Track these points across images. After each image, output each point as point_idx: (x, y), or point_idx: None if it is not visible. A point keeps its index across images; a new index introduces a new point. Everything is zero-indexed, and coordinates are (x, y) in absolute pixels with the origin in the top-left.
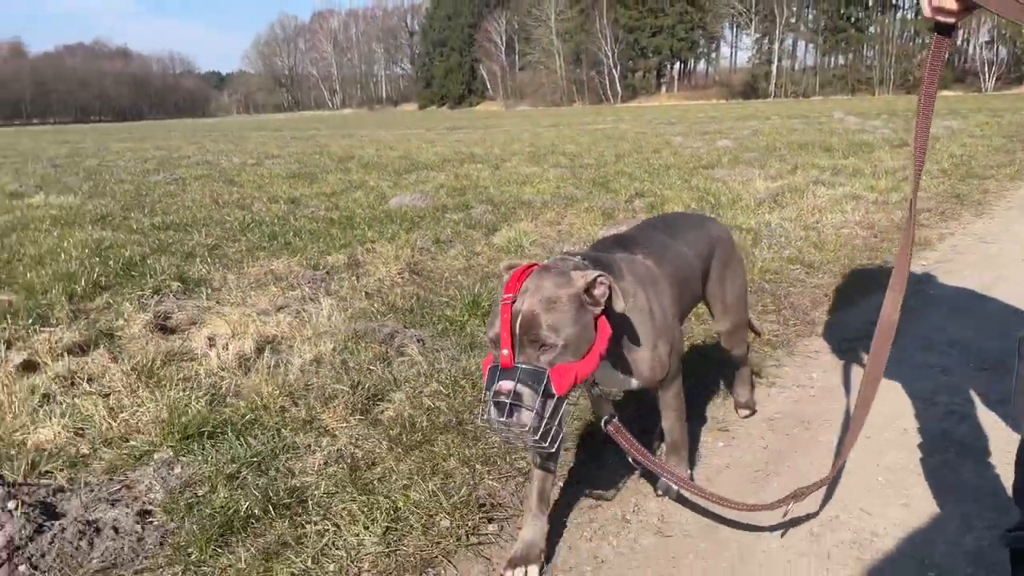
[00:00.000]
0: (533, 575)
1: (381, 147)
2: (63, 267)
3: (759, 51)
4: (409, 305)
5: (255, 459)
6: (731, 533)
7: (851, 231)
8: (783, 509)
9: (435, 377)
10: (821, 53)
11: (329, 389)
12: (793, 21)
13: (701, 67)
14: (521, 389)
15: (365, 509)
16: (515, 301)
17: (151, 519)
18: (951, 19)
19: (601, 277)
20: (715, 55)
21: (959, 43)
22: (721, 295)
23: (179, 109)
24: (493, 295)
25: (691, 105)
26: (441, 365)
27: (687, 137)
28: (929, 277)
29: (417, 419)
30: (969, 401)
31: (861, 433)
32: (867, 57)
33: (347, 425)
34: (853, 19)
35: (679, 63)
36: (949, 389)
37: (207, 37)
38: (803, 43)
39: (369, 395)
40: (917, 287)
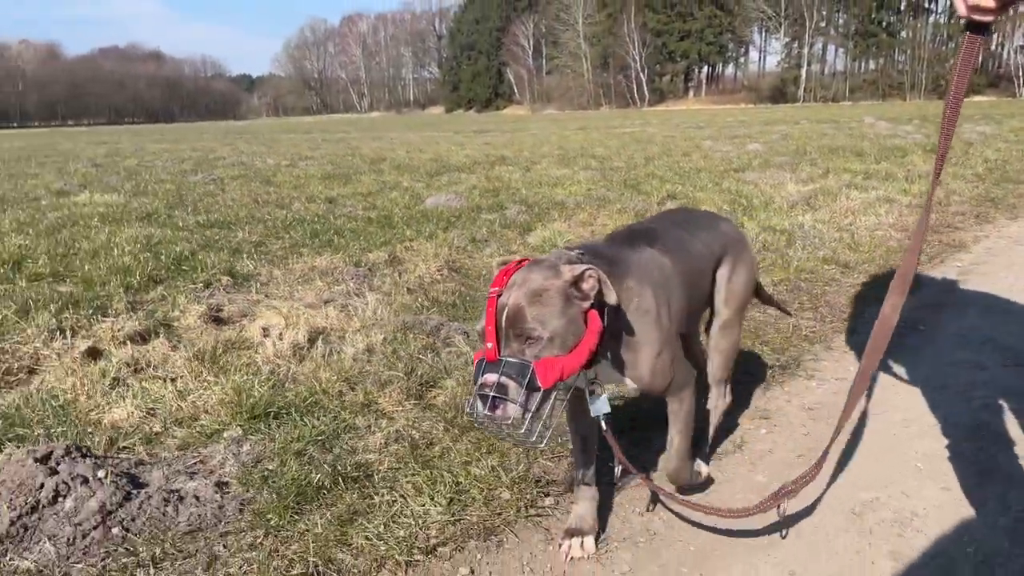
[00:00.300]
0: (589, 545)
1: (411, 149)
2: (118, 261)
3: (788, 55)
4: (451, 300)
5: (319, 438)
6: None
7: (885, 233)
8: (779, 508)
9: None
10: (851, 58)
11: (383, 376)
12: (823, 25)
13: (729, 71)
14: (505, 382)
15: (429, 482)
16: (502, 295)
17: (228, 490)
18: (988, 17)
19: (589, 271)
20: (743, 59)
21: (993, 48)
22: (728, 294)
23: (210, 111)
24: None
25: (719, 109)
26: None
27: (716, 141)
28: (964, 278)
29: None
30: (1003, 395)
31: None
32: (898, 62)
33: (403, 409)
34: (884, 23)
35: (707, 67)
36: (984, 384)
37: (238, 41)
38: (833, 47)
39: (422, 382)
40: (952, 287)
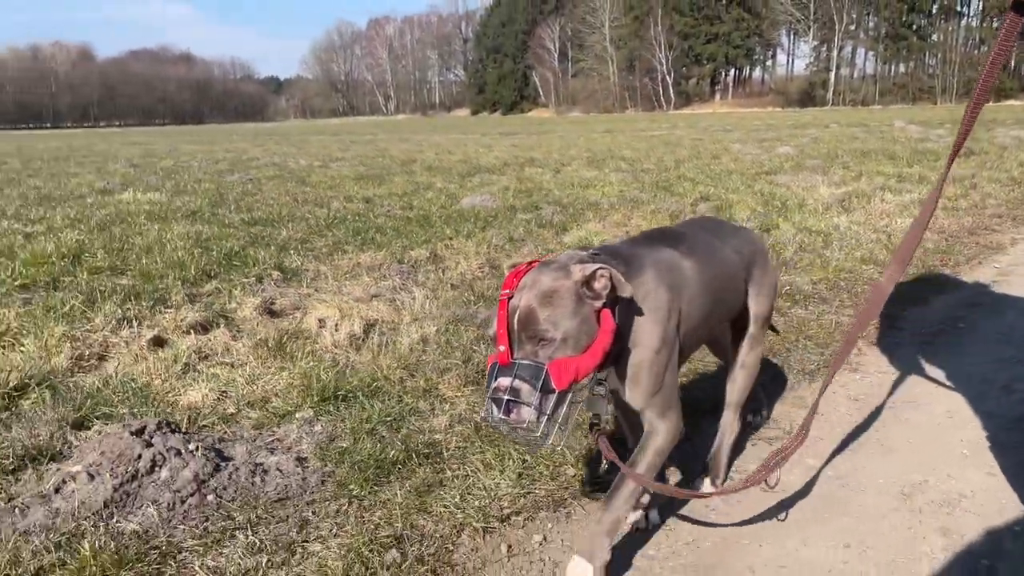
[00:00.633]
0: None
1: (440, 151)
2: (172, 256)
3: (817, 58)
4: (496, 296)
5: (387, 419)
6: (832, 488)
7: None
8: (773, 478)
9: None
10: (881, 61)
11: (441, 364)
12: (853, 28)
13: (756, 74)
14: (519, 385)
15: (497, 459)
16: (513, 297)
17: (307, 464)
18: None
19: (601, 269)
20: (771, 62)
21: None
22: (754, 306)
23: (238, 113)
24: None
25: (746, 112)
26: None
27: (745, 144)
28: (1002, 278)
29: None
30: None
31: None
32: (929, 65)
33: (462, 394)
34: (915, 26)
35: (734, 70)
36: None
37: (267, 43)
38: (863, 50)
39: (479, 370)
40: (991, 288)
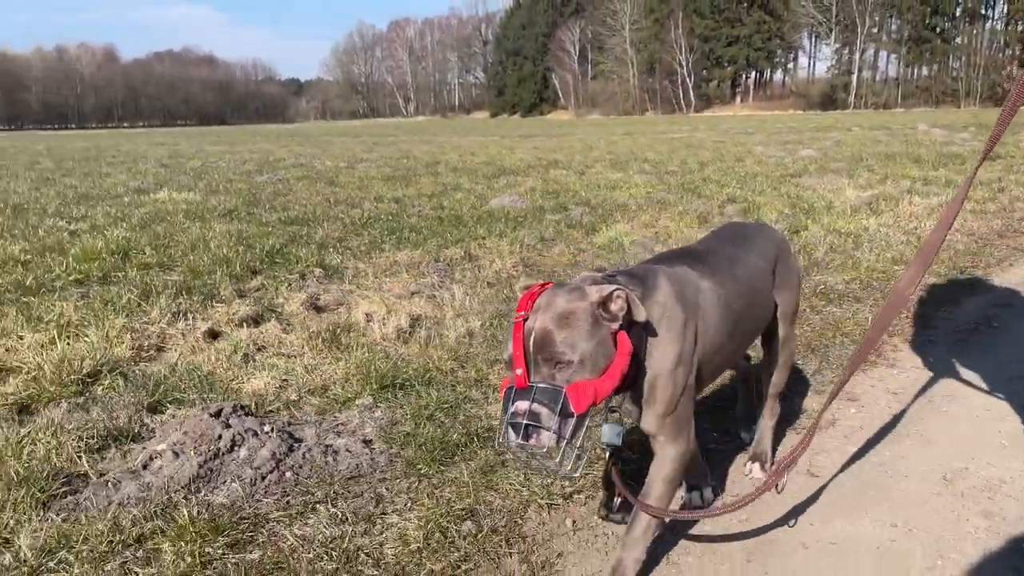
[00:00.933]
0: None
1: (463, 153)
2: (216, 253)
3: (839, 61)
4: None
5: (444, 405)
6: (875, 474)
7: (951, 237)
8: (779, 485)
9: None
10: (904, 64)
11: (490, 356)
12: (875, 31)
13: (777, 77)
14: (537, 409)
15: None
16: (528, 319)
17: (373, 446)
18: None
19: (617, 291)
20: (792, 65)
21: None
22: (781, 302)
23: (259, 114)
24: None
25: (767, 115)
26: None
27: (767, 147)
28: None
29: None
30: None
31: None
32: (952, 68)
33: None
34: (939, 29)
35: (755, 73)
36: None
37: (288, 45)
38: (885, 53)
39: None
40: (1022, 290)
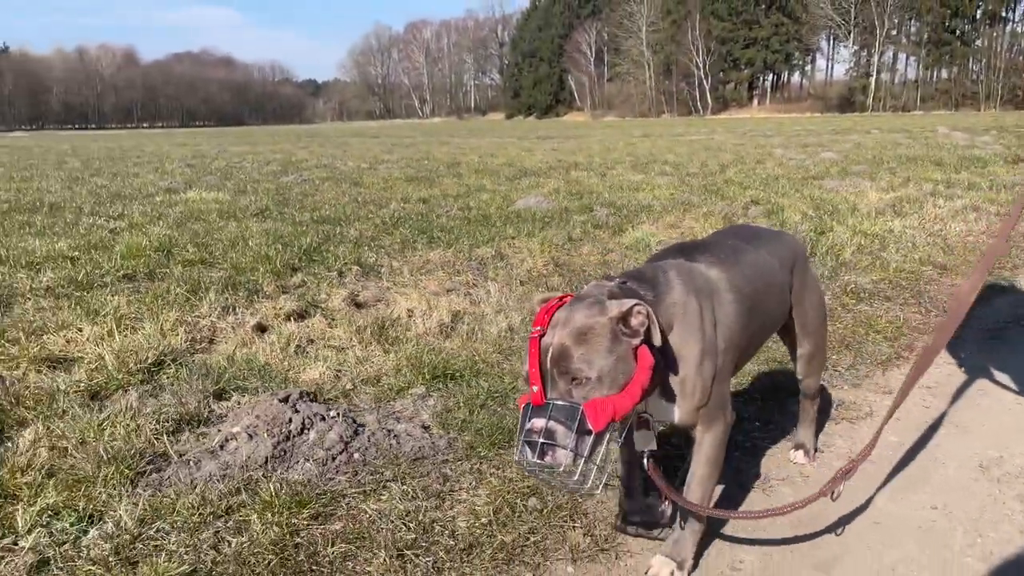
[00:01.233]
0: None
1: (483, 155)
2: (255, 251)
3: (857, 63)
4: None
5: (495, 394)
6: (914, 461)
7: (976, 238)
8: (836, 491)
9: None
10: (924, 66)
11: None
12: (894, 33)
13: (795, 79)
14: (554, 426)
15: None
16: (545, 335)
17: (432, 431)
18: None
19: (638, 306)
20: (810, 67)
21: None
22: (801, 314)
23: (277, 115)
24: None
25: (784, 118)
26: None
27: (787, 149)
28: None
29: None
30: None
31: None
32: (972, 71)
33: None
34: (958, 32)
35: (772, 75)
36: None
37: (305, 47)
38: (904, 56)
39: None
40: None
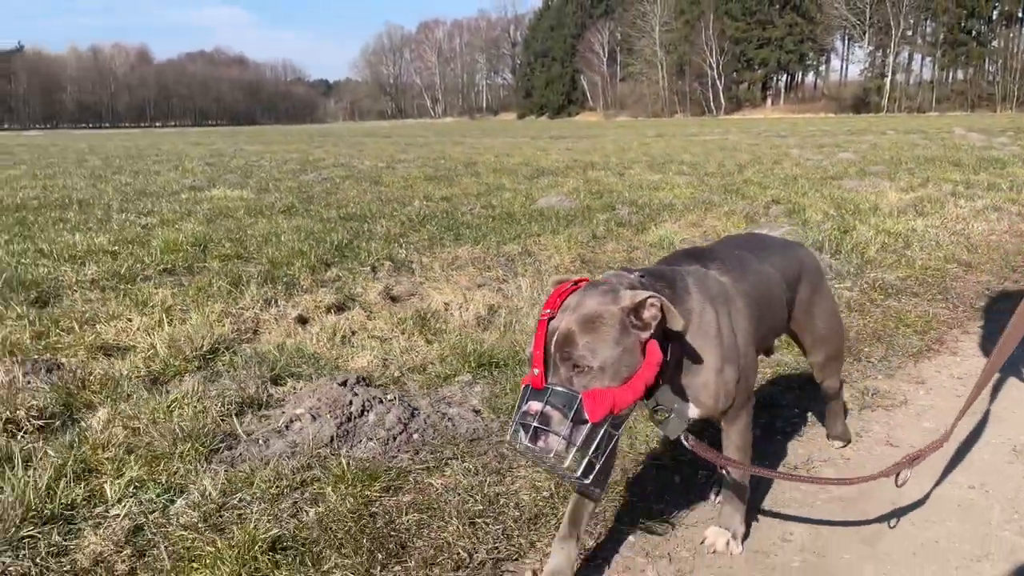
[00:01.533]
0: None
1: (498, 154)
2: (289, 247)
3: (872, 64)
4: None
5: None
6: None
7: (999, 237)
8: (903, 475)
9: None
10: (939, 67)
11: None
12: (910, 34)
13: (808, 79)
14: (549, 412)
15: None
16: (554, 318)
17: (482, 415)
18: None
19: (652, 299)
20: (824, 68)
21: None
22: (810, 325)
23: (289, 115)
24: None
25: (798, 119)
26: None
27: (803, 149)
28: None
29: None
30: None
31: None
32: (988, 72)
33: None
34: (974, 32)
35: (786, 75)
36: None
37: (317, 47)
38: (919, 56)
39: None
40: None
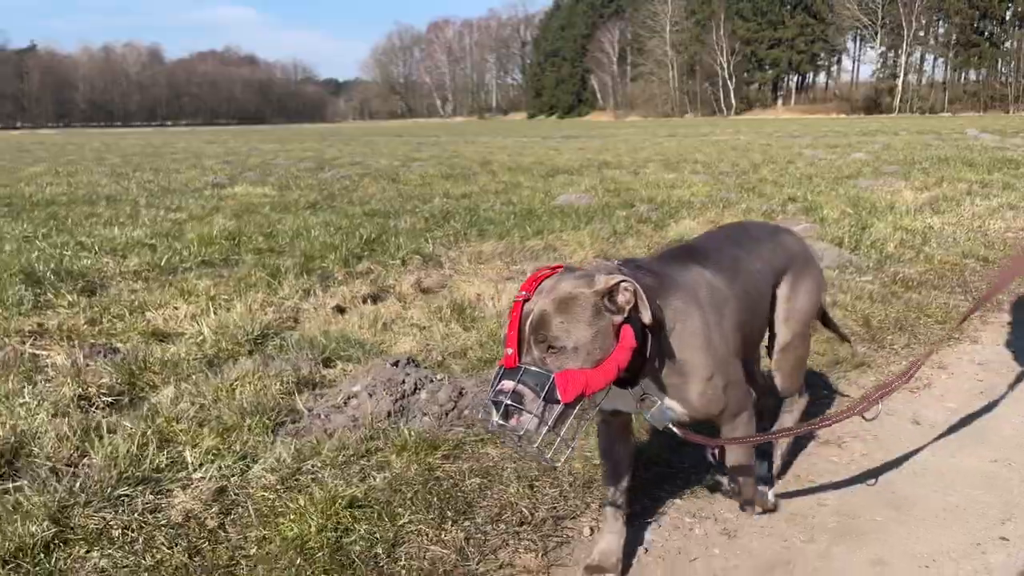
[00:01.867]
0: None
1: (511, 153)
2: (323, 240)
3: (884, 65)
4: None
5: None
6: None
7: (1016, 235)
8: (872, 411)
9: None
10: (952, 68)
11: None
12: (922, 35)
13: (820, 80)
14: (522, 390)
15: None
16: (529, 300)
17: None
18: None
19: (626, 283)
20: (835, 68)
21: None
22: (788, 308)
23: (299, 114)
24: None
25: (810, 119)
26: None
27: (816, 149)
28: None
29: None
30: None
31: None
32: (1001, 73)
33: None
34: (987, 33)
35: (797, 76)
36: None
37: (327, 46)
38: (932, 57)
39: None
40: None
